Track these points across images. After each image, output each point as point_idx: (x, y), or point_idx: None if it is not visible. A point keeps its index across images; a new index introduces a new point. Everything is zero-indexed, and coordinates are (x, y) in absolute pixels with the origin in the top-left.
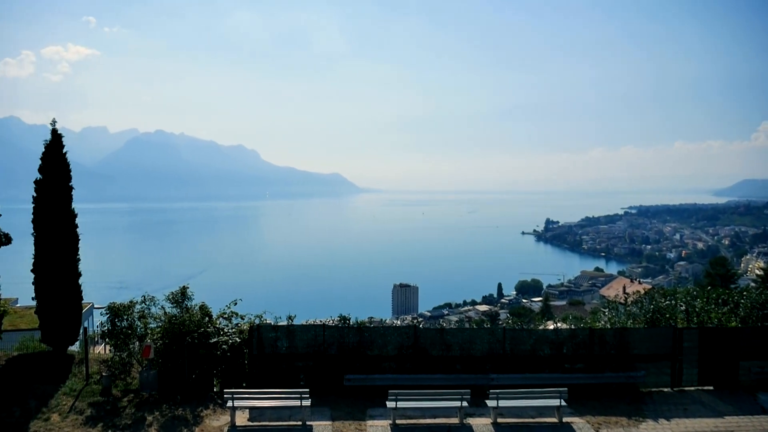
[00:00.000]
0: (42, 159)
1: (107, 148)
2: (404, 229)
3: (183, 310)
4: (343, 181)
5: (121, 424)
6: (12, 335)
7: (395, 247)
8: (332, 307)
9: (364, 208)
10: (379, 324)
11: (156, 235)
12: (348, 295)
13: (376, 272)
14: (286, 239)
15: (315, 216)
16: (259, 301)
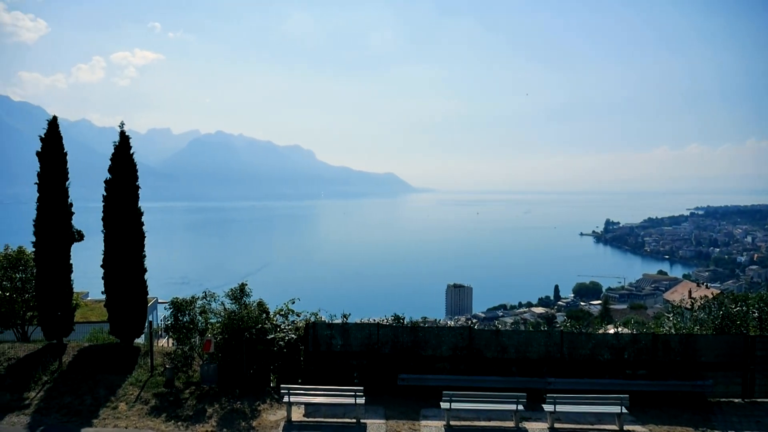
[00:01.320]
0: (111, 160)
1: (170, 149)
2: (458, 229)
3: (242, 307)
4: (398, 180)
5: (183, 415)
6: (83, 327)
7: (449, 248)
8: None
9: (418, 207)
10: (432, 324)
11: (216, 233)
12: (401, 295)
13: (429, 272)
14: (340, 238)
15: (369, 215)
16: (314, 298)
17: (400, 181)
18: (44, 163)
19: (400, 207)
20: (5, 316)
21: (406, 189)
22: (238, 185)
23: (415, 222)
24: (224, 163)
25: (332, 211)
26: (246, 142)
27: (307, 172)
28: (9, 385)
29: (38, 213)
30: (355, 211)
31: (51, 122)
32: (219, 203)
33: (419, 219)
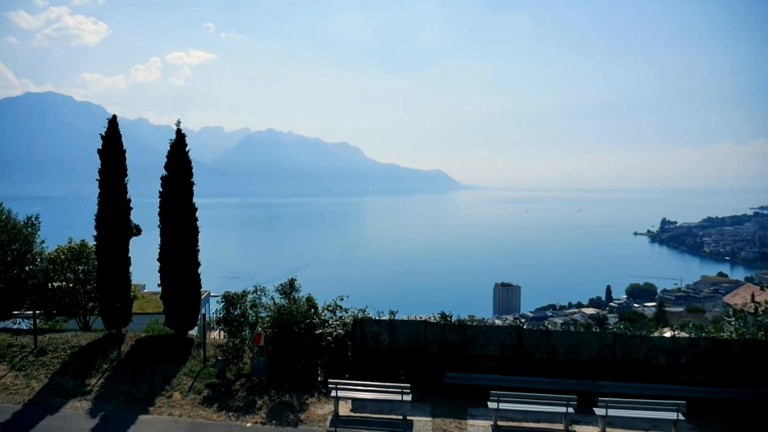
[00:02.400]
0: (167, 157)
1: (222, 147)
2: (506, 227)
3: (291, 301)
4: (445, 177)
5: (234, 405)
6: (140, 318)
7: (497, 246)
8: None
9: (466, 205)
10: (480, 323)
11: (265, 229)
12: (448, 293)
13: (477, 270)
14: (388, 235)
15: (417, 212)
16: (361, 294)
17: (447, 178)
18: (105, 160)
19: (448, 204)
20: (69, 306)
21: (453, 186)
22: (288, 182)
23: (463, 219)
24: (274, 161)
25: (380, 208)
26: (295, 140)
27: (355, 169)
28: (72, 371)
29: (99, 208)
30: (402, 208)
31: (111, 121)
32: (269, 199)
33: (467, 216)
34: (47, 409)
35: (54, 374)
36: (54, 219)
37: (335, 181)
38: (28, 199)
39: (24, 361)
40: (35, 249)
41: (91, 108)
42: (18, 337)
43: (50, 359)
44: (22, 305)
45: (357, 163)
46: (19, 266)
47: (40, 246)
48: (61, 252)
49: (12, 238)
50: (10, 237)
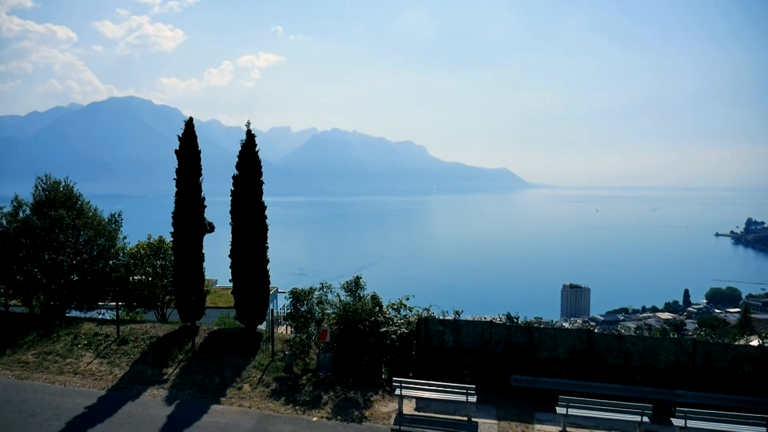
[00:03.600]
0: (238, 157)
1: (290, 147)
2: (575, 227)
3: (356, 299)
4: (511, 176)
5: (300, 399)
6: (212, 312)
7: (565, 246)
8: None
9: (533, 203)
10: (548, 325)
11: (331, 227)
12: (514, 293)
13: (544, 271)
14: (453, 234)
15: (482, 211)
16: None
17: (513, 177)
18: (181, 160)
19: (514, 203)
20: (148, 299)
21: (519, 184)
22: (353, 181)
23: (530, 218)
24: (339, 160)
25: (444, 206)
26: (360, 139)
27: (419, 168)
28: (151, 360)
29: (176, 206)
30: (467, 207)
31: (187, 123)
32: (334, 198)
33: (533, 215)
34: (128, 395)
35: (134, 363)
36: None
37: (399, 179)
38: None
39: (108, 349)
40: (118, 244)
41: (168, 111)
42: (102, 326)
43: (131, 348)
44: (106, 297)
45: (421, 161)
46: (104, 260)
47: (122, 242)
48: (141, 247)
49: (98, 234)
50: (96, 233)
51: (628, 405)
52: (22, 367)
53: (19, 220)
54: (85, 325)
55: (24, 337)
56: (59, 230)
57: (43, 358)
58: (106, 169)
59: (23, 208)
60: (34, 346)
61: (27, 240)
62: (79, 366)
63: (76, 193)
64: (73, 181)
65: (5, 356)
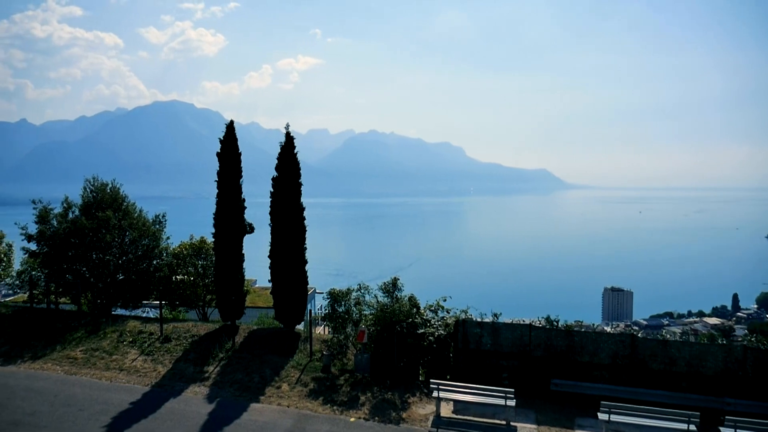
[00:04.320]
0: (278, 159)
1: (328, 148)
2: (617, 229)
3: (393, 300)
4: (551, 176)
5: (338, 400)
6: (251, 311)
7: (607, 248)
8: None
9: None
10: (589, 329)
11: (368, 228)
12: (553, 296)
13: (584, 273)
14: (490, 235)
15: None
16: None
17: (552, 178)
18: (222, 162)
19: (553, 204)
20: (190, 298)
21: (559, 185)
22: (390, 182)
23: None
24: (377, 161)
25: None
26: (397, 140)
27: (456, 169)
28: (192, 358)
29: (217, 208)
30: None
31: (228, 126)
32: (371, 199)
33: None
34: (171, 392)
35: (176, 360)
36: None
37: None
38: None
39: (152, 346)
40: (161, 244)
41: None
42: (147, 324)
43: (173, 346)
44: (149, 296)
45: (459, 162)
46: (148, 260)
47: (165, 242)
48: (184, 248)
49: (142, 234)
50: (141, 233)
51: (674, 412)
52: (71, 363)
53: (69, 220)
54: (130, 323)
55: (73, 334)
56: (106, 230)
57: (91, 354)
58: (150, 170)
59: (72, 209)
60: (82, 342)
61: (76, 240)
62: (124, 363)
63: (122, 194)
64: (119, 182)
65: (55, 352)
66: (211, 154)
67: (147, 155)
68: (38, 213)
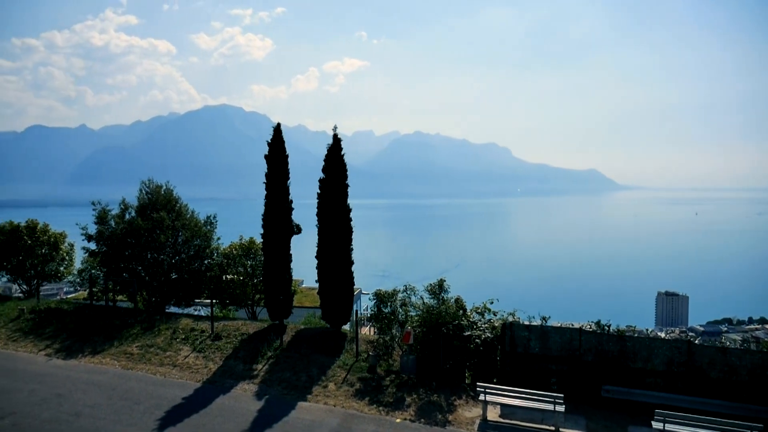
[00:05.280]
0: (325, 161)
1: (373, 150)
2: (671, 231)
3: (440, 302)
4: (601, 177)
5: (384, 401)
6: (298, 311)
7: (660, 251)
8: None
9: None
10: (642, 334)
11: (413, 230)
12: (603, 300)
13: (636, 277)
14: (537, 237)
15: (570, 214)
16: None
17: (603, 178)
18: (270, 165)
19: (604, 206)
20: (239, 297)
21: (610, 186)
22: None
23: (621, 222)
24: (422, 162)
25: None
26: (442, 141)
27: (503, 170)
28: (242, 356)
29: (265, 209)
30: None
31: (276, 128)
32: (416, 200)
33: (625, 219)
34: (221, 388)
35: (227, 358)
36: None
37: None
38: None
39: (203, 344)
40: (212, 245)
41: (257, 117)
42: (198, 322)
43: (224, 344)
44: (201, 294)
45: (505, 163)
46: (200, 260)
47: (216, 242)
48: (234, 248)
49: (194, 234)
50: (193, 234)
51: (734, 423)
52: (127, 358)
53: (126, 221)
54: (183, 321)
55: (129, 330)
56: (160, 231)
57: (146, 350)
58: (201, 173)
59: (129, 210)
60: (138, 338)
61: (132, 240)
62: (177, 359)
63: (175, 196)
64: (173, 184)
65: (113, 347)
66: (259, 157)
67: (198, 158)
68: (97, 214)
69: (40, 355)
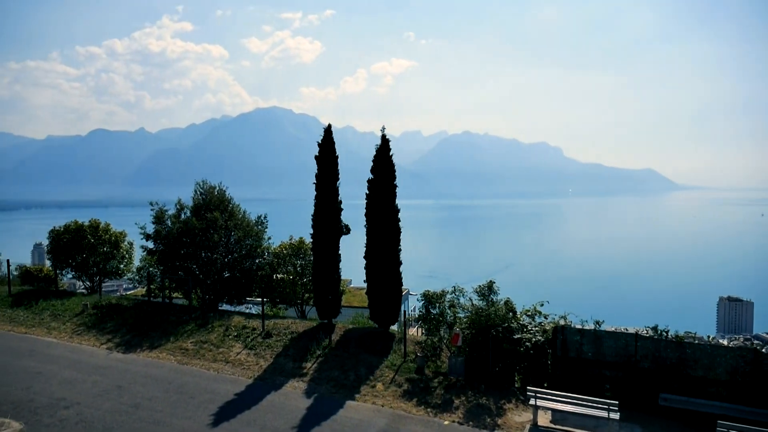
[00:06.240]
0: (373, 161)
1: (421, 150)
2: (735, 234)
3: (489, 304)
4: (657, 177)
5: (432, 402)
6: (346, 310)
7: (722, 255)
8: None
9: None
10: (703, 341)
11: (461, 230)
12: (660, 304)
13: (695, 282)
14: (590, 239)
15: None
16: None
17: (660, 178)
18: (320, 165)
19: (660, 206)
20: (289, 296)
21: (667, 186)
22: (483, 183)
23: (679, 224)
24: (470, 162)
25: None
26: (491, 141)
27: (554, 170)
28: (292, 354)
29: (315, 209)
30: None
31: (326, 129)
32: (465, 201)
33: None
34: (272, 385)
35: (277, 355)
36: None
37: (533, 182)
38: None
39: (254, 341)
40: (263, 244)
41: (307, 119)
42: (249, 320)
43: (274, 342)
44: (252, 293)
45: (556, 163)
46: (251, 259)
47: (267, 242)
48: (284, 248)
49: (246, 234)
50: (245, 233)
51: None
52: (182, 354)
53: (181, 221)
54: (235, 318)
55: (184, 327)
56: (214, 231)
57: (200, 346)
58: (252, 174)
59: (184, 211)
60: (192, 335)
61: (187, 239)
62: (229, 355)
63: (228, 196)
64: (225, 185)
65: (169, 343)
66: (308, 158)
67: (249, 159)
68: (155, 214)
69: (102, 348)
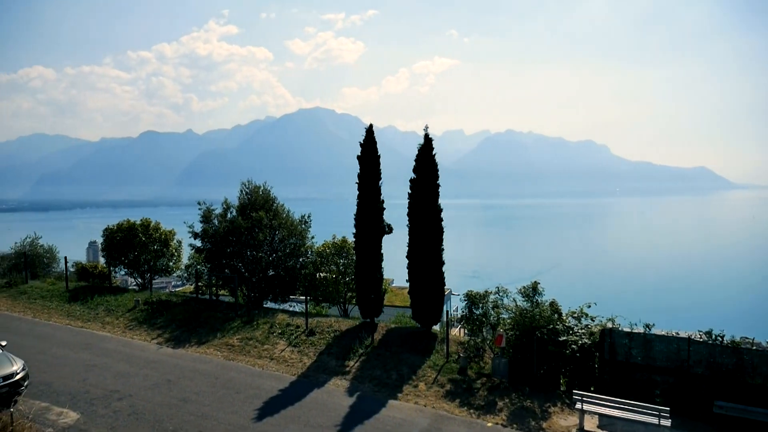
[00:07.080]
0: (416, 161)
1: (463, 149)
2: None
3: (533, 305)
4: (711, 175)
5: (475, 403)
6: (389, 310)
7: None
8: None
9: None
10: (761, 347)
11: (505, 230)
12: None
13: (753, 285)
14: (639, 240)
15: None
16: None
17: (714, 176)
18: (363, 165)
19: (715, 206)
20: (332, 295)
21: (722, 185)
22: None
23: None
24: (513, 161)
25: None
26: (535, 140)
27: (601, 169)
28: (335, 352)
29: (357, 209)
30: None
31: (368, 130)
32: (508, 200)
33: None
34: (315, 383)
35: (320, 353)
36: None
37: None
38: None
39: (298, 339)
40: (307, 243)
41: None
42: (293, 318)
43: (317, 340)
44: (296, 291)
45: (603, 161)
46: (295, 258)
47: (310, 241)
48: (327, 247)
49: (290, 233)
50: (289, 233)
51: None
52: (228, 350)
53: (228, 220)
54: (279, 316)
55: (230, 324)
56: (259, 230)
57: (246, 342)
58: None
59: (230, 210)
60: (238, 331)
61: (233, 238)
62: (274, 352)
63: (272, 196)
64: (270, 185)
65: (216, 339)
66: (350, 158)
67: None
68: (202, 213)
69: (152, 343)
